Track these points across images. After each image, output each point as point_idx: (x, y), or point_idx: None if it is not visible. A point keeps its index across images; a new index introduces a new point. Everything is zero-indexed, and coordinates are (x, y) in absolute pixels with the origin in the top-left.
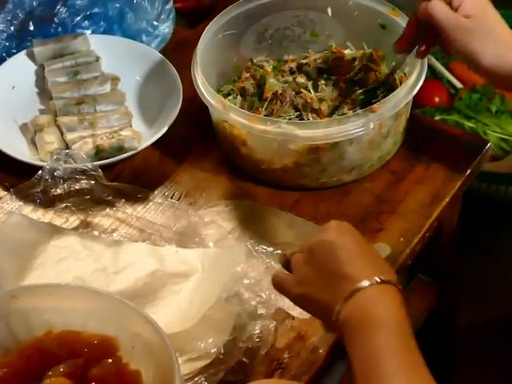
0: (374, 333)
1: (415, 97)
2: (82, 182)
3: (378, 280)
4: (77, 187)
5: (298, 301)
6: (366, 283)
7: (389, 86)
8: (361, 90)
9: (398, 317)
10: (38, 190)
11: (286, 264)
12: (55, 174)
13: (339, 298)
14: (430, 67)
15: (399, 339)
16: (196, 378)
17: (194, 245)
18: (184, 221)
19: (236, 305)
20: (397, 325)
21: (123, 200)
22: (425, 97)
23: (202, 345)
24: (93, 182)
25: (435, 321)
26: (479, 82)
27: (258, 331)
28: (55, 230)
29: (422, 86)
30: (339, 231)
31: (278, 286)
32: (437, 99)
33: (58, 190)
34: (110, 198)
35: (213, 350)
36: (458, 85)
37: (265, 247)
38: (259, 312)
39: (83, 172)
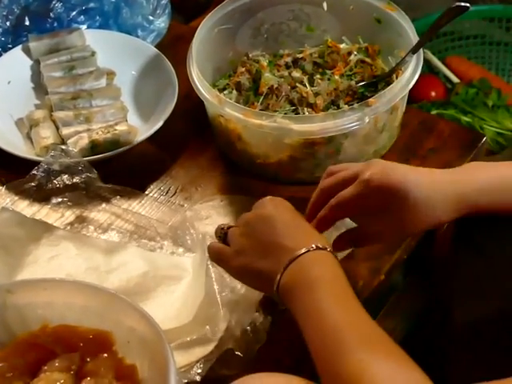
0: (313, 289)
1: (412, 91)
2: (78, 177)
3: (314, 247)
4: (72, 182)
5: (238, 273)
6: (302, 250)
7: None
8: (362, 84)
9: (334, 273)
10: (34, 185)
11: (223, 236)
12: (51, 169)
13: (279, 268)
14: (427, 62)
15: (338, 290)
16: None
17: (189, 240)
18: (179, 216)
19: (230, 299)
20: (334, 279)
21: (119, 195)
22: (421, 91)
23: (195, 336)
24: (88, 178)
25: (430, 317)
26: (476, 76)
27: (252, 325)
28: (46, 228)
29: (418, 81)
30: (275, 205)
31: (216, 256)
32: (433, 94)
33: (53, 185)
34: (106, 193)
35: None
36: (455, 79)
37: None
38: (254, 306)
39: (79, 167)
